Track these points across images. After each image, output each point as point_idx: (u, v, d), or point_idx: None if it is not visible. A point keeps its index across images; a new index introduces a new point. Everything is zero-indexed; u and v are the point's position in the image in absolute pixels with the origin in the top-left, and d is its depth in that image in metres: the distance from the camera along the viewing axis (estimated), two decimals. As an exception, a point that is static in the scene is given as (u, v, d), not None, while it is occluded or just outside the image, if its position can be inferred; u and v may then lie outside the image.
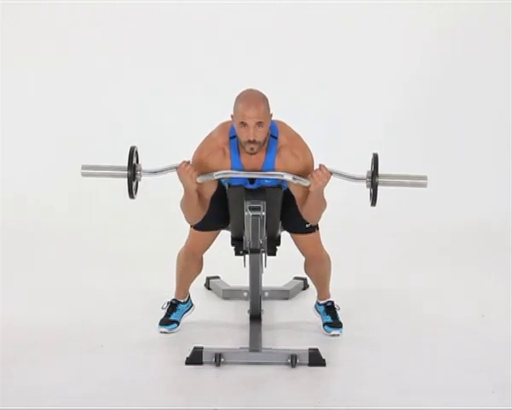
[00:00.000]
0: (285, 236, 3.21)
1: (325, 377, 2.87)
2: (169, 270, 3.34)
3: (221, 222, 3.12)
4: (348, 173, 2.90)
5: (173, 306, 3.30)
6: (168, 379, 2.86)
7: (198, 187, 2.89)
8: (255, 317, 3.25)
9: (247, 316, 3.28)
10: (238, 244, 3.16)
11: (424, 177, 2.88)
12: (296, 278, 3.78)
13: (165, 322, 3.25)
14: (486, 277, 4.03)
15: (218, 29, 5.32)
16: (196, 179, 2.85)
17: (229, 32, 5.30)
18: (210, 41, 5.31)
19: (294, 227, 3.12)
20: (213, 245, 3.21)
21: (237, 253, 3.18)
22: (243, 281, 3.27)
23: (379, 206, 2.89)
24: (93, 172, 2.98)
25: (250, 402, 2.69)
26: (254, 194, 2.92)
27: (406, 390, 2.76)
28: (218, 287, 3.73)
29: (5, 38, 5.27)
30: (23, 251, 4.39)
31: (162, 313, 3.28)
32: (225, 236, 3.22)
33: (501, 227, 4.85)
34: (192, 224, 3.09)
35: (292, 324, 3.39)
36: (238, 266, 3.19)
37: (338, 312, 3.31)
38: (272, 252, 3.19)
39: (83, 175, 2.97)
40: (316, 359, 2.93)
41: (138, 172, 2.91)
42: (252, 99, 2.80)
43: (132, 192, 2.91)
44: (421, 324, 3.38)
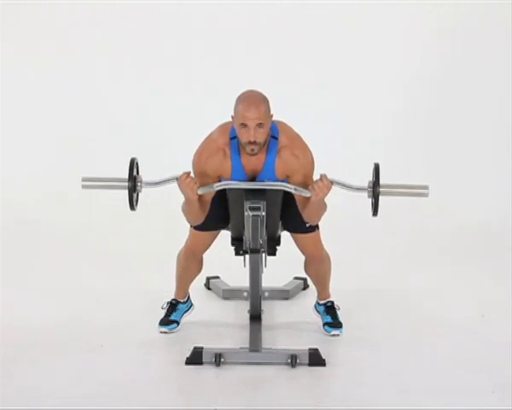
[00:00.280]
0: (285, 236, 3.21)
1: (325, 377, 2.87)
2: (169, 270, 3.34)
3: (221, 222, 3.12)
4: (349, 183, 2.89)
5: (173, 306, 3.30)
6: (168, 379, 2.86)
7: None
8: (255, 317, 3.25)
9: (247, 316, 3.28)
10: (238, 244, 3.16)
11: (425, 186, 2.88)
12: (296, 278, 3.78)
13: (165, 322, 3.25)
14: (486, 277, 4.03)
15: (218, 29, 5.32)
16: (197, 191, 2.86)
17: (229, 33, 5.29)
18: (210, 41, 5.31)
19: (294, 227, 3.12)
20: (213, 245, 3.21)
21: (237, 253, 3.18)
22: (243, 281, 3.27)
23: (379, 206, 2.89)
24: (93, 184, 2.98)
25: (250, 402, 2.69)
26: (254, 194, 2.92)
27: (406, 390, 2.76)
28: (218, 287, 3.73)
29: (5, 38, 5.27)
30: (23, 251, 4.39)
31: (162, 313, 3.28)
32: (225, 236, 3.22)
33: (501, 227, 4.85)
34: (193, 225, 3.10)
35: (292, 324, 3.39)
36: (238, 266, 3.19)
37: (338, 312, 3.31)
38: (272, 252, 3.19)
39: (83, 187, 2.95)
40: (316, 359, 2.93)
41: (139, 183, 2.90)
42: (252, 100, 2.80)
43: (133, 204, 2.90)
44: (421, 324, 3.38)
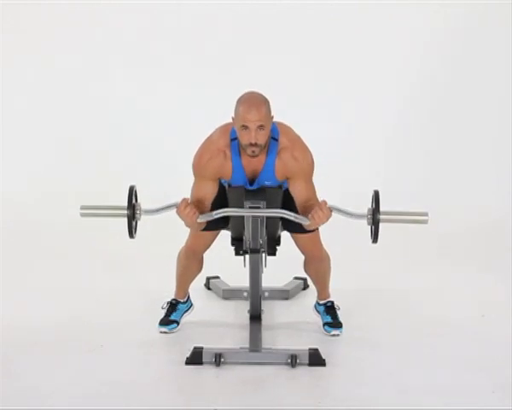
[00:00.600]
0: (285, 236, 3.21)
1: (325, 377, 2.87)
2: (169, 270, 3.34)
3: (221, 222, 3.11)
4: (349, 211, 2.91)
5: (173, 306, 3.30)
6: (168, 379, 2.86)
7: (199, 195, 2.93)
8: (255, 317, 3.25)
9: (247, 316, 3.28)
10: (238, 244, 3.16)
11: (425, 213, 2.91)
12: (296, 278, 3.78)
13: (165, 322, 3.26)
14: (486, 277, 4.03)
15: (218, 29, 5.32)
16: (197, 220, 2.87)
17: (229, 33, 5.29)
18: (210, 42, 5.30)
19: (294, 227, 3.11)
20: (213, 245, 3.21)
21: (237, 253, 3.19)
22: (243, 281, 3.27)
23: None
24: (92, 212, 2.98)
25: (250, 402, 2.69)
26: (254, 194, 2.92)
27: (406, 390, 2.76)
28: (218, 287, 3.73)
29: (5, 38, 5.27)
30: (23, 251, 4.39)
31: (162, 313, 3.28)
32: (225, 236, 3.22)
33: (501, 227, 4.85)
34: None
35: (292, 324, 3.39)
36: (238, 266, 3.19)
37: (338, 312, 3.31)
38: (272, 252, 3.20)
39: (82, 216, 2.95)
40: (316, 359, 2.93)
41: (138, 211, 2.90)
42: (253, 102, 2.80)
43: (132, 232, 2.90)
44: (421, 324, 3.38)
